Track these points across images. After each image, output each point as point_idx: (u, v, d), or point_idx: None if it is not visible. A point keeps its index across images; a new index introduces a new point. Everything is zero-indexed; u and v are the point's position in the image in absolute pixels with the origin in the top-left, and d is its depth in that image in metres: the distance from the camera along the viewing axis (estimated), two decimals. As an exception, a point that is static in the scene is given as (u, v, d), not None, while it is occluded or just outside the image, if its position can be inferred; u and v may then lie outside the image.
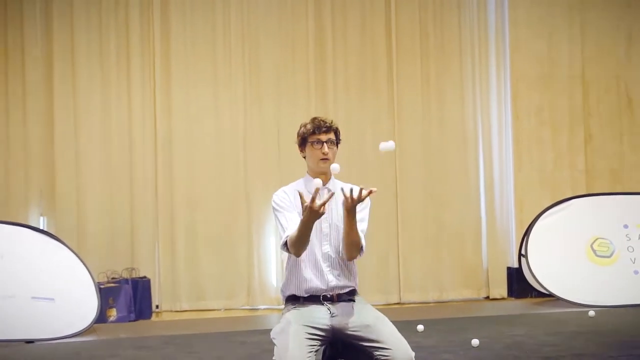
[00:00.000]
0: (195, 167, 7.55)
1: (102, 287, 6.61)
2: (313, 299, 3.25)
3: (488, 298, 7.98)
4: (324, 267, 3.26)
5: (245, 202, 7.61)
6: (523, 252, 7.32)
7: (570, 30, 8.29)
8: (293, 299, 3.31)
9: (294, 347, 3.02)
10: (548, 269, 7.13)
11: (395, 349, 3.03)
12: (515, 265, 7.82)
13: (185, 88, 7.58)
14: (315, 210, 2.95)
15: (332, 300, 3.25)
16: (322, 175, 3.33)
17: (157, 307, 7.35)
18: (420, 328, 5.63)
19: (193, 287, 7.46)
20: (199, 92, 7.61)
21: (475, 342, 5.08)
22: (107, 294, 6.65)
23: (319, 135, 3.31)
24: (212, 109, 7.64)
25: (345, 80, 7.89)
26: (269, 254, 7.64)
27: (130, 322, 6.80)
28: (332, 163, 3.27)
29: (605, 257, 7.20)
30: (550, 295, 7.11)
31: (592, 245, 7.24)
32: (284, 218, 3.27)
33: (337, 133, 3.37)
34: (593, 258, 7.19)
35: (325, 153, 3.29)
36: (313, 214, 2.97)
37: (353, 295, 3.32)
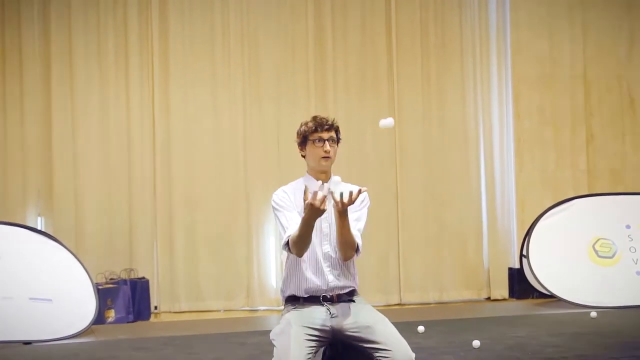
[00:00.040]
0: (194, 167, 7.54)
1: (100, 287, 6.61)
2: (313, 300, 3.24)
3: (489, 299, 7.98)
4: (324, 266, 3.25)
5: (245, 202, 7.60)
6: (524, 252, 7.30)
7: (572, 30, 8.29)
8: (293, 300, 3.29)
9: (294, 348, 3.01)
10: (549, 270, 7.10)
11: (396, 350, 3.01)
12: (517, 266, 7.81)
13: (184, 88, 7.57)
14: (317, 208, 2.94)
15: (331, 301, 3.24)
16: (322, 174, 3.32)
17: (155, 308, 7.35)
18: (421, 329, 5.62)
19: (192, 287, 7.45)
20: (198, 92, 7.60)
21: (476, 343, 5.06)
22: (105, 295, 6.66)
23: (321, 133, 3.29)
24: (210, 109, 7.63)
25: (346, 80, 7.88)
26: (269, 255, 7.63)
27: (129, 323, 6.82)
28: (332, 162, 3.28)
29: (607, 257, 7.18)
30: (552, 296, 7.09)
31: (594, 246, 7.21)
32: (285, 218, 3.25)
33: (337, 131, 3.37)
34: (595, 259, 7.17)
35: (327, 151, 3.27)
36: (314, 212, 2.95)
37: (353, 296, 3.31)
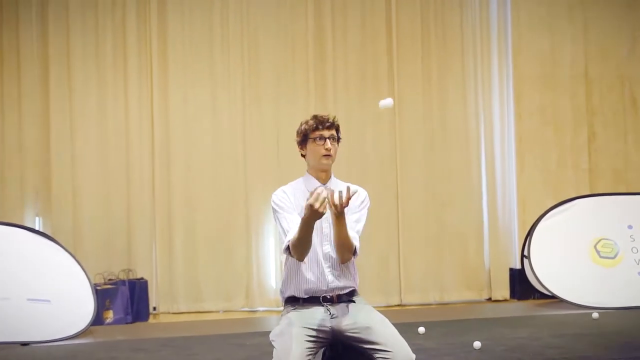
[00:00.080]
0: (193, 167, 7.52)
1: (98, 288, 6.60)
2: (313, 300, 3.22)
3: (490, 300, 7.97)
4: (325, 267, 3.24)
5: (244, 202, 7.58)
6: (525, 253, 7.27)
7: (573, 29, 8.27)
8: (292, 300, 3.28)
9: (294, 349, 3.00)
10: (551, 270, 7.07)
11: (396, 351, 3.00)
12: (518, 267, 7.78)
13: (183, 88, 7.56)
14: (315, 210, 2.91)
15: (331, 301, 3.23)
16: (322, 173, 3.31)
17: (154, 309, 7.35)
18: (421, 330, 5.61)
19: (191, 288, 7.45)
20: (197, 92, 7.60)
21: (477, 344, 5.04)
22: (103, 296, 6.65)
23: (322, 131, 3.29)
24: (210, 109, 7.62)
25: (346, 80, 7.86)
26: (268, 255, 7.62)
27: (127, 324, 6.81)
28: (333, 161, 3.27)
29: (609, 258, 7.14)
30: (553, 297, 7.06)
31: (595, 246, 7.18)
32: (285, 221, 3.23)
33: (338, 130, 3.36)
34: (597, 259, 7.14)
35: (328, 149, 3.26)
36: (313, 213, 2.93)
37: (353, 296, 3.30)
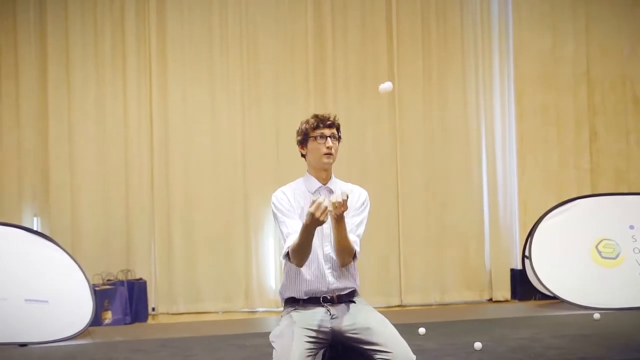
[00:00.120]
0: (193, 167, 7.51)
1: (97, 289, 6.59)
2: (313, 301, 3.21)
3: (491, 300, 7.95)
4: (325, 268, 3.23)
5: (244, 202, 7.56)
6: (527, 253, 7.26)
7: (575, 28, 8.24)
8: (292, 301, 3.27)
9: (294, 350, 3.00)
10: (552, 271, 7.06)
11: (396, 352, 3.00)
12: (519, 267, 7.76)
13: (182, 88, 7.54)
14: (317, 218, 2.92)
15: (332, 302, 3.22)
16: (323, 173, 3.30)
17: (153, 309, 7.33)
18: (422, 331, 5.61)
19: (190, 289, 7.43)
20: (196, 92, 7.58)
21: (478, 345, 5.04)
22: (102, 296, 6.64)
23: (323, 130, 3.28)
24: (209, 109, 7.60)
25: (345, 80, 7.84)
26: (268, 256, 7.61)
27: (126, 324, 6.80)
28: (334, 160, 3.27)
29: (611, 258, 7.13)
30: (555, 298, 7.05)
31: (597, 247, 7.16)
32: (284, 226, 3.22)
33: (338, 129, 3.35)
34: (598, 259, 7.12)
35: (330, 147, 3.26)
36: (314, 221, 2.94)
37: (353, 297, 3.29)
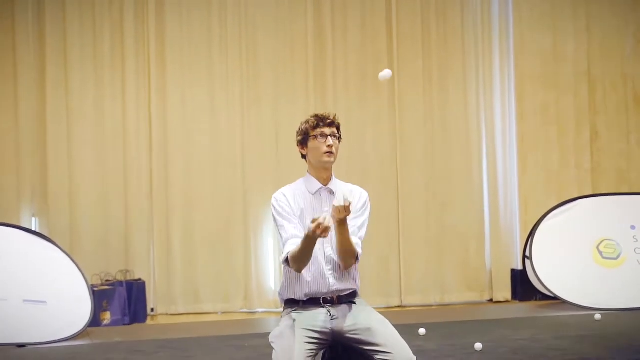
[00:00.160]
0: (192, 168, 7.49)
1: (95, 289, 6.57)
2: (313, 302, 3.20)
3: (491, 301, 7.93)
4: (326, 270, 3.21)
5: (243, 203, 7.55)
6: (527, 253, 7.25)
7: (576, 27, 8.22)
8: (292, 303, 3.25)
9: (293, 350, 2.98)
10: (553, 271, 7.06)
11: (396, 353, 2.98)
12: (520, 267, 7.75)
13: (181, 88, 7.52)
14: (318, 234, 2.91)
15: (332, 303, 3.20)
16: (324, 173, 3.28)
17: (152, 310, 7.31)
18: (422, 331, 5.64)
19: (189, 289, 7.41)
20: (195, 92, 7.56)
21: (479, 346, 5.05)
22: (101, 297, 6.62)
23: (323, 129, 3.25)
24: (208, 110, 7.58)
25: (345, 80, 7.82)
26: (267, 256, 7.59)
27: (125, 325, 6.78)
28: (335, 159, 3.25)
29: (612, 259, 7.12)
30: (556, 298, 7.05)
31: (598, 247, 7.15)
32: (284, 230, 3.21)
33: (339, 129, 3.33)
34: (599, 260, 7.11)
35: (330, 146, 3.23)
36: (316, 236, 2.94)
37: (354, 298, 3.27)
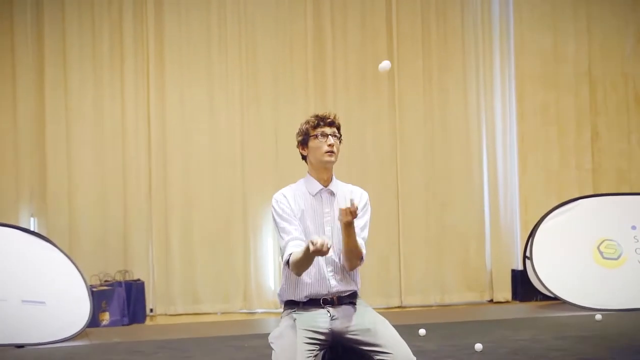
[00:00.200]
0: (191, 168, 7.48)
1: (94, 290, 6.56)
2: (313, 303, 3.18)
3: (492, 301, 7.91)
4: (327, 271, 3.20)
5: (242, 203, 7.53)
6: (528, 254, 7.25)
7: (576, 27, 8.21)
8: (292, 304, 3.24)
9: (293, 351, 2.97)
10: (553, 272, 7.06)
11: (396, 353, 2.98)
12: (520, 268, 7.74)
13: (180, 88, 7.51)
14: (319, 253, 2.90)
15: (332, 304, 3.18)
16: (324, 174, 3.26)
17: (151, 310, 7.30)
18: (422, 332, 5.63)
19: (188, 290, 7.39)
20: (194, 92, 7.55)
21: (479, 346, 5.04)
22: (99, 297, 6.62)
23: (324, 128, 3.24)
24: (207, 110, 7.57)
25: (345, 80, 7.81)
26: (266, 256, 7.58)
27: (124, 326, 6.77)
28: (336, 159, 3.23)
29: (613, 259, 7.11)
30: (556, 299, 7.04)
31: (599, 247, 7.15)
32: (285, 232, 3.19)
33: (339, 129, 3.31)
34: (600, 260, 7.10)
35: (331, 145, 3.21)
36: (317, 253, 2.92)
37: (354, 298, 3.26)
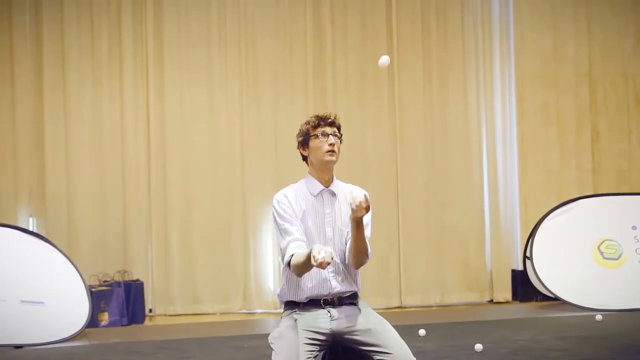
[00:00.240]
0: (190, 168, 7.47)
1: (93, 290, 6.56)
2: (313, 303, 3.17)
3: (492, 301, 7.91)
4: (328, 272, 3.18)
5: (242, 203, 7.52)
6: (528, 254, 7.24)
7: (576, 26, 8.20)
8: (292, 304, 3.23)
9: (293, 352, 2.96)
10: (554, 272, 7.06)
11: (396, 353, 2.97)
12: (520, 268, 7.74)
13: (180, 88, 7.50)
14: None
15: (333, 304, 3.17)
16: (325, 174, 3.25)
17: (150, 311, 7.29)
18: (422, 332, 5.63)
19: (187, 290, 7.38)
20: (194, 92, 7.54)
21: (479, 347, 5.04)
22: (98, 298, 6.61)
23: (324, 128, 3.23)
24: (207, 110, 7.57)
25: (345, 80, 7.80)
26: (266, 257, 7.56)
27: (123, 326, 6.77)
28: (337, 159, 3.22)
29: (613, 259, 7.11)
30: (556, 299, 7.04)
31: (599, 247, 7.14)
32: (286, 233, 3.18)
33: (339, 129, 3.30)
34: (600, 260, 7.10)
35: (332, 144, 3.20)
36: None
37: (355, 299, 3.25)
